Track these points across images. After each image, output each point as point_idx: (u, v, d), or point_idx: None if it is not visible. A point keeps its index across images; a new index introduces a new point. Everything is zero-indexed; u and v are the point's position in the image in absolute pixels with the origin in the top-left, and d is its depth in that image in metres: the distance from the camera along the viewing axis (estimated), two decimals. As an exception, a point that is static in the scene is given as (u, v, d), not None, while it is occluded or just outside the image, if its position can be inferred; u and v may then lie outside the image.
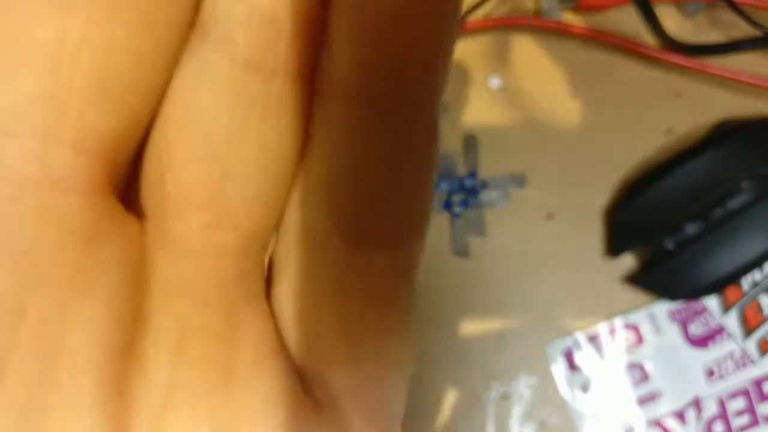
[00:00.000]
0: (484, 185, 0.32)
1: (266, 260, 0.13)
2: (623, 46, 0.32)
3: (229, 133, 0.11)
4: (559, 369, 0.32)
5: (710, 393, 0.32)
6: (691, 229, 0.31)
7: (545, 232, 0.32)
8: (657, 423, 0.31)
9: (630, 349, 0.32)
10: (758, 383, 0.32)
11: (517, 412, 0.32)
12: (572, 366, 0.32)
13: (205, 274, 0.12)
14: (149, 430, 0.11)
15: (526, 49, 0.32)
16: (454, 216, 0.32)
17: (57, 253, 0.11)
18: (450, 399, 0.32)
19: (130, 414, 0.11)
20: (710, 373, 0.32)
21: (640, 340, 0.32)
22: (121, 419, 0.11)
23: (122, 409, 0.11)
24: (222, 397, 0.12)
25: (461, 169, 0.32)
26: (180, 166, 0.11)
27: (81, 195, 0.11)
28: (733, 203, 0.31)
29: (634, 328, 0.32)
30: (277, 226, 0.12)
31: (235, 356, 0.12)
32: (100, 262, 0.11)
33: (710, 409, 0.31)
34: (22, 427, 0.11)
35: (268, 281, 0.13)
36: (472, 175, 0.32)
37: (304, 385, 0.13)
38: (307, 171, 0.12)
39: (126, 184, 0.12)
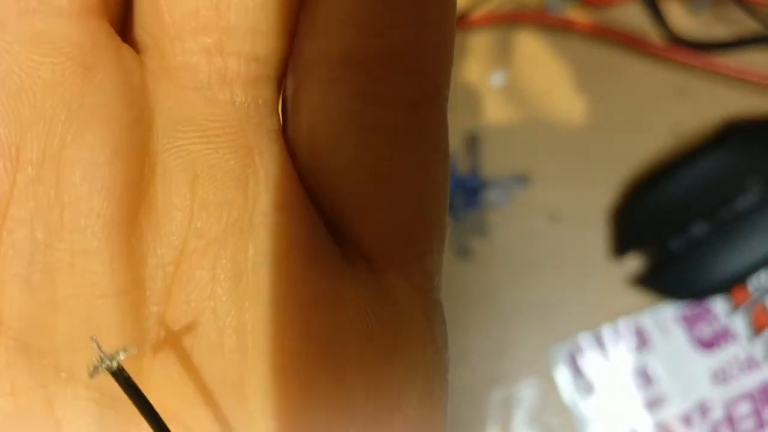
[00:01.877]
0: (486, 185, 0.32)
1: (278, 93, 0.12)
2: (628, 43, 0.31)
3: None
4: (562, 372, 0.31)
5: (716, 396, 0.31)
6: (697, 229, 0.31)
7: (548, 232, 0.32)
8: (663, 427, 0.31)
9: (635, 352, 0.31)
10: (764, 386, 0.31)
11: (519, 416, 0.31)
12: (576, 369, 0.31)
13: (213, 105, 0.11)
14: (163, 281, 0.11)
15: (529, 45, 0.32)
16: (456, 216, 0.32)
17: (51, 83, 0.10)
18: (451, 403, 0.31)
19: (143, 263, 0.11)
20: (716, 376, 0.31)
21: (645, 342, 0.31)
22: (134, 270, 0.11)
23: (134, 258, 0.11)
24: (239, 243, 0.11)
25: (462, 168, 0.32)
26: None
27: (74, 18, 0.10)
28: (740, 203, 0.30)
29: (639, 330, 0.31)
30: (285, 53, 0.11)
31: (251, 199, 0.11)
32: (98, 94, 0.11)
33: (716, 412, 0.31)
34: (29, 274, 0.11)
35: (283, 118, 0.12)
36: (474, 174, 0.32)
37: (334, 236, 0.12)
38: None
39: (117, 20, 0.11)
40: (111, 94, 0.11)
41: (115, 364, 0.10)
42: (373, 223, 0.12)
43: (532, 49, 0.32)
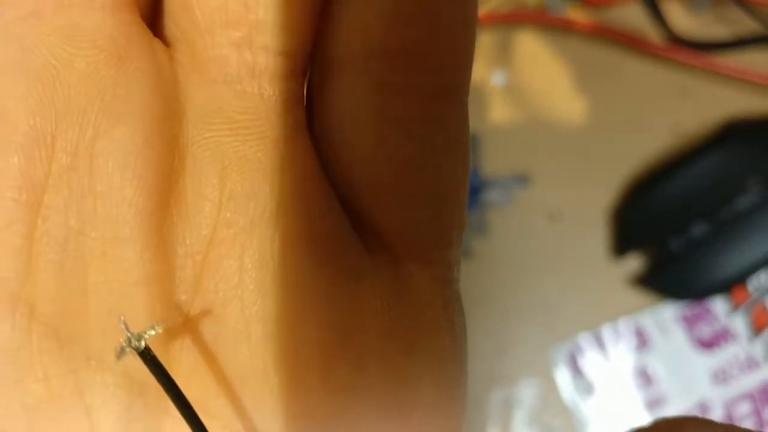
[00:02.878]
0: (486, 185, 0.32)
1: (303, 87, 0.12)
2: (629, 43, 0.31)
3: None
4: (562, 372, 0.31)
5: (716, 396, 0.31)
6: (697, 229, 0.31)
7: (548, 232, 0.32)
8: (662, 427, 0.31)
9: (635, 352, 0.31)
10: (764, 386, 0.31)
11: (519, 416, 0.31)
12: (576, 369, 0.31)
13: (241, 98, 0.11)
14: (192, 269, 0.11)
15: (529, 45, 0.32)
16: (456, 216, 0.31)
17: (85, 75, 0.11)
18: (451, 403, 0.31)
19: (173, 252, 0.11)
20: (716, 376, 0.31)
21: (645, 342, 0.31)
22: (164, 258, 0.11)
23: (164, 247, 0.11)
24: (265, 232, 0.11)
25: (463, 168, 0.32)
26: None
27: (107, 11, 0.11)
28: (740, 203, 0.30)
29: (639, 330, 0.31)
30: (310, 47, 0.12)
31: (278, 190, 0.11)
32: (130, 86, 0.11)
33: (716, 412, 0.31)
34: (62, 261, 0.11)
35: (308, 112, 0.12)
36: (474, 174, 0.32)
37: (356, 227, 0.12)
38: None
39: (148, 14, 0.12)
40: (143, 86, 0.11)
41: (142, 344, 0.10)
42: (393, 214, 0.12)
43: (532, 49, 0.32)
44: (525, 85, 0.32)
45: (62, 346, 0.11)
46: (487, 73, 0.32)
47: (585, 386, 0.31)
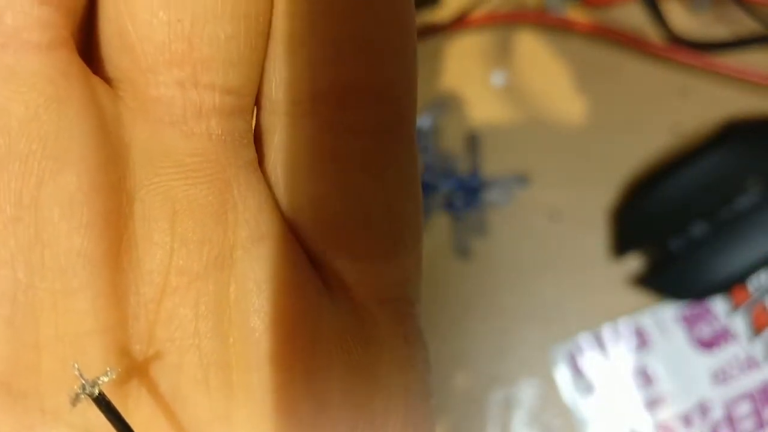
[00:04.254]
0: (486, 185, 0.31)
1: (252, 124, 0.12)
2: (628, 43, 0.31)
3: None
4: (562, 372, 0.31)
5: (716, 396, 0.31)
6: (697, 229, 0.31)
7: (548, 232, 0.32)
8: (663, 427, 0.31)
9: (635, 352, 0.31)
10: (764, 386, 0.31)
11: (519, 416, 0.31)
12: (576, 369, 0.31)
13: (189, 139, 0.11)
14: (146, 318, 0.11)
15: (529, 45, 0.32)
16: (456, 216, 0.32)
17: (25, 120, 0.10)
18: (451, 403, 0.31)
19: (125, 301, 0.11)
20: (716, 376, 0.31)
21: (645, 342, 0.31)
22: (117, 308, 0.11)
23: (116, 296, 0.11)
24: (221, 279, 0.11)
25: (462, 168, 0.32)
26: (144, 16, 0.10)
27: (44, 51, 0.10)
28: (740, 203, 0.30)
29: (639, 330, 0.31)
30: (257, 83, 0.11)
31: (231, 234, 0.11)
32: (72, 130, 0.10)
33: (716, 412, 0.31)
34: (12, 315, 0.10)
35: (258, 149, 0.12)
36: (474, 174, 0.31)
37: (315, 268, 0.12)
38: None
39: (85, 51, 0.11)
40: (86, 130, 0.10)
41: (96, 391, 0.10)
42: (349, 253, 0.12)
43: (532, 49, 0.32)
44: (525, 85, 0.32)
45: (15, 401, 0.11)
46: (487, 73, 0.32)
47: (585, 386, 0.31)
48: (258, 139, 0.12)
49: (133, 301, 0.11)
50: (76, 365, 0.10)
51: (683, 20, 0.31)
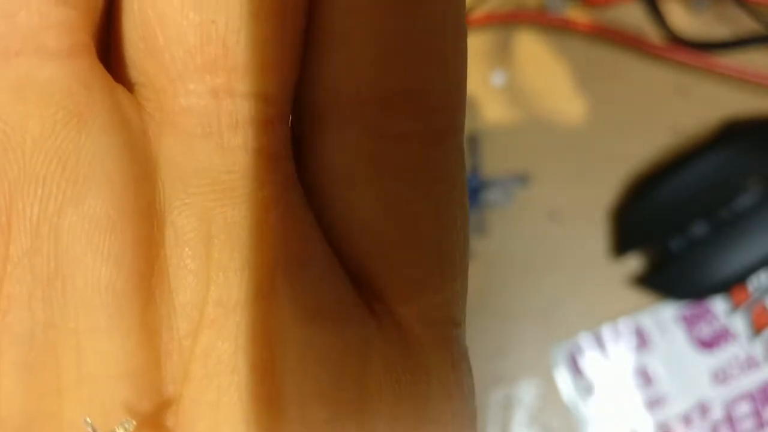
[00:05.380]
0: (486, 184, 0.31)
1: (289, 135, 0.11)
2: (628, 43, 0.31)
3: None
4: (562, 372, 0.31)
5: (716, 396, 0.31)
6: (697, 229, 0.31)
7: (548, 232, 0.32)
8: (663, 427, 0.31)
9: (635, 352, 0.31)
10: (764, 386, 0.31)
11: (519, 416, 0.31)
12: (576, 369, 0.31)
13: (225, 154, 0.10)
14: (180, 356, 0.10)
15: (529, 45, 0.32)
16: (456, 216, 0.31)
17: (42, 139, 0.09)
18: (451, 403, 0.31)
19: (157, 338, 0.10)
20: (716, 376, 0.31)
21: (645, 342, 0.31)
22: (148, 347, 0.10)
23: (147, 333, 0.10)
24: (262, 308, 0.10)
25: (463, 168, 0.32)
26: (174, 17, 0.09)
27: (63, 58, 0.09)
28: (740, 203, 0.30)
29: (639, 330, 0.31)
30: (292, 90, 0.10)
31: (271, 258, 0.10)
32: (95, 148, 0.09)
33: (716, 412, 0.31)
34: (29, 361, 0.09)
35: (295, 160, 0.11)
36: (474, 174, 0.31)
37: (357, 288, 0.11)
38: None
39: (106, 57, 0.10)
40: (110, 148, 0.09)
41: None
42: (396, 272, 0.11)
43: (532, 49, 0.32)
44: (525, 85, 0.32)
45: None
46: (487, 73, 0.32)
47: (585, 386, 0.31)
48: (295, 151, 0.11)
49: (166, 337, 0.10)
50: (88, 420, 0.09)
51: (683, 20, 0.31)
